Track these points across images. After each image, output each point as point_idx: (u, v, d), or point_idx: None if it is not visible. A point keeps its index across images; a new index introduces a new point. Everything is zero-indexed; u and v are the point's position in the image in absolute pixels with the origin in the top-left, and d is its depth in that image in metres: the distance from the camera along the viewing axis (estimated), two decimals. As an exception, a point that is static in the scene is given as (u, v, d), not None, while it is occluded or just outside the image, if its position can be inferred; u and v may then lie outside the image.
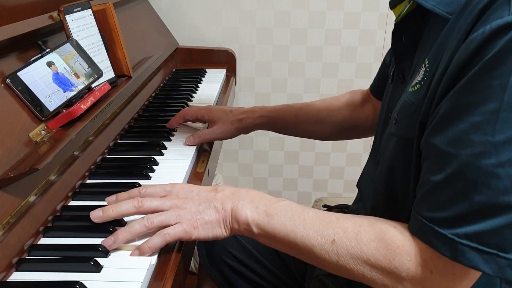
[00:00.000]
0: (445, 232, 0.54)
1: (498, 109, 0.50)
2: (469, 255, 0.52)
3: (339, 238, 0.61)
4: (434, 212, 0.55)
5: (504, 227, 0.51)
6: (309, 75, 1.76)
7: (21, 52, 0.82)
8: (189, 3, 1.69)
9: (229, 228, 0.67)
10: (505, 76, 0.49)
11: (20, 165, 0.68)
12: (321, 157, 1.87)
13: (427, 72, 0.61)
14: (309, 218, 0.64)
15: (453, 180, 0.53)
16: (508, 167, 0.50)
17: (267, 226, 0.65)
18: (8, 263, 0.61)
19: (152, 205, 0.67)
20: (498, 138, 0.50)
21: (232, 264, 1.03)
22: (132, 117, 1.12)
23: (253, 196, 0.68)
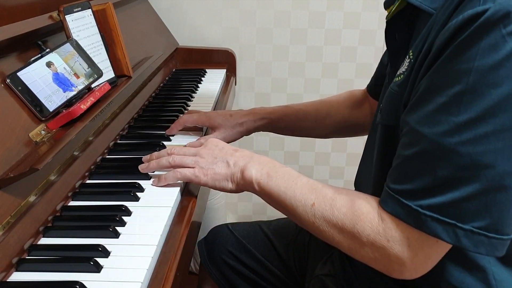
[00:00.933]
0: (410, 203, 0.58)
1: (463, 92, 0.54)
2: (430, 225, 0.57)
3: (318, 202, 0.67)
4: (401, 184, 0.60)
5: (463, 200, 0.55)
6: (309, 75, 1.76)
7: (21, 52, 0.82)
8: (189, 3, 1.69)
9: (235, 183, 0.77)
10: (471, 61, 0.53)
11: (20, 165, 0.68)
12: (321, 157, 1.87)
13: (410, 64, 0.65)
14: (300, 183, 0.71)
15: (420, 155, 0.58)
16: (468, 146, 0.54)
17: (266, 185, 0.73)
18: (8, 263, 0.61)
19: (180, 151, 0.82)
20: (461, 119, 0.54)
21: (232, 264, 1.03)
22: (132, 117, 1.12)
23: (263, 160, 0.77)
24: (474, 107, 0.53)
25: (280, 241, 1.03)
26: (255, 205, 1.96)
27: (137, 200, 0.78)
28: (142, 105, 1.20)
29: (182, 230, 0.73)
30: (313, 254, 0.98)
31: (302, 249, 1.01)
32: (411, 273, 0.61)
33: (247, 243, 1.04)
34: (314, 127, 1.07)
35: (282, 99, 1.79)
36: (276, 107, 1.07)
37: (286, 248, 1.02)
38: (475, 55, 0.53)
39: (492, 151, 0.53)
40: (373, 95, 1.01)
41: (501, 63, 0.52)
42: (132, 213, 0.74)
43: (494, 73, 0.52)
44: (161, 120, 1.13)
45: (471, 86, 0.53)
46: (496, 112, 0.53)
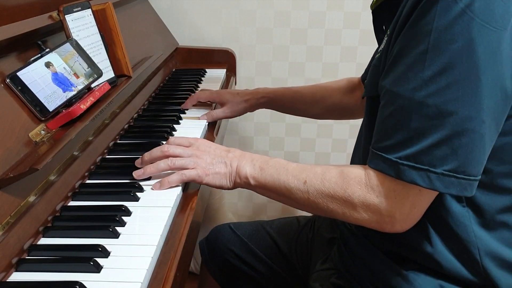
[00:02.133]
0: (390, 156, 0.65)
1: (426, 50, 0.61)
2: (408, 173, 0.63)
3: (309, 179, 0.73)
4: (382, 142, 0.67)
5: (433, 146, 0.62)
6: (309, 75, 1.76)
7: (21, 52, 0.82)
8: (189, 3, 1.69)
9: (232, 181, 0.82)
10: (430, 23, 0.61)
11: (20, 165, 0.68)
12: (321, 157, 1.87)
13: (388, 39, 0.71)
14: (291, 168, 0.77)
15: (395, 113, 0.64)
16: (434, 97, 0.61)
17: (260, 178, 0.79)
18: (8, 263, 0.61)
19: (176, 151, 0.83)
20: (426, 74, 0.61)
21: (234, 263, 1.03)
22: (132, 117, 1.11)
23: (254, 157, 0.82)
24: (436, 63, 0.61)
25: (283, 240, 1.03)
26: (255, 205, 1.96)
27: (137, 200, 0.78)
28: (142, 105, 1.20)
29: (182, 230, 0.73)
30: (315, 252, 0.98)
31: (305, 247, 1.01)
32: (401, 225, 0.68)
33: (250, 242, 1.04)
34: (308, 108, 1.20)
35: (282, 99, 1.79)
36: (277, 88, 1.21)
37: (289, 246, 1.03)
38: (433, 17, 0.60)
39: (453, 99, 0.60)
40: None
41: (454, 21, 0.59)
42: (132, 213, 0.74)
43: (449, 31, 0.60)
44: (161, 120, 1.13)
45: (432, 45, 0.61)
46: (454, 64, 0.60)
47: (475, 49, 0.59)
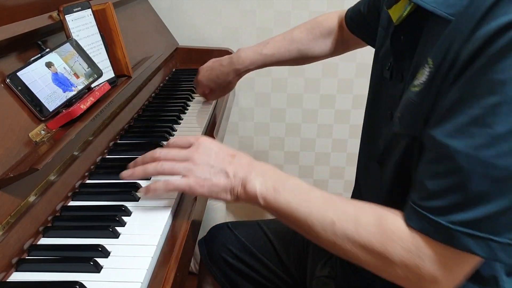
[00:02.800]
0: (440, 220, 0.56)
1: (499, 103, 0.51)
2: (463, 241, 0.54)
3: (338, 220, 0.62)
4: (430, 200, 0.57)
5: (498, 213, 0.53)
6: (309, 75, 1.76)
7: (21, 52, 0.82)
8: (189, 3, 1.69)
9: (235, 196, 0.70)
10: (506, 71, 0.51)
11: (20, 165, 0.68)
12: (321, 157, 1.87)
13: (431, 73, 0.62)
14: (313, 198, 0.66)
15: (451, 170, 0.55)
16: (505, 158, 0.52)
17: (273, 201, 0.67)
18: (8, 263, 0.61)
19: (169, 155, 0.72)
20: (498, 131, 0.52)
21: (233, 263, 1.03)
22: (132, 117, 1.11)
23: (266, 170, 0.70)
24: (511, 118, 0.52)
25: (279, 241, 1.03)
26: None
27: (137, 200, 0.78)
28: (142, 105, 1.20)
29: (182, 230, 0.73)
30: (312, 254, 0.98)
31: (301, 248, 1.01)
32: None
33: (248, 242, 1.04)
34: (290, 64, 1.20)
35: (282, 99, 1.79)
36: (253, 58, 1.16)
37: (285, 248, 1.02)
38: (510, 66, 0.51)
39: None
40: (351, 29, 1.07)
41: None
42: (132, 213, 0.74)
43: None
44: (161, 120, 1.13)
45: (509, 97, 0.51)
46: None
47: None
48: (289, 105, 1.80)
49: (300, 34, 1.18)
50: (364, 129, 0.89)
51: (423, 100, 0.62)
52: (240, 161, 0.71)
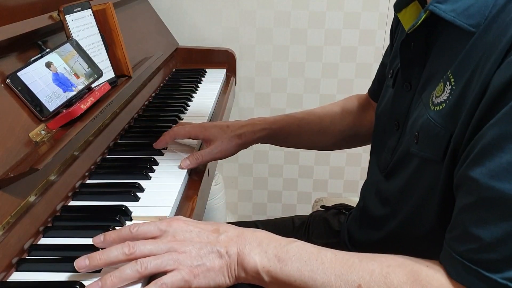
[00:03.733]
0: (495, 277, 0.48)
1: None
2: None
3: (365, 282, 0.54)
4: (479, 253, 0.49)
5: None
6: (309, 75, 1.76)
7: (21, 52, 0.82)
8: (189, 3, 1.69)
9: (234, 277, 0.60)
10: None
11: (20, 165, 0.68)
12: (321, 157, 1.87)
13: (453, 91, 0.57)
14: (328, 261, 0.57)
15: (501, 217, 0.48)
16: None
17: (280, 273, 0.58)
18: (8, 263, 0.61)
19: (145, 250, 0.59)
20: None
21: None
22: (132, 117, 1.12)
23: (261, 238, 0.61)
24: None
25: None
26: (255, 205, 1.96)
27: (137, 200, 0.78)
28: (142, 105, 1.21)
29: (182, 230, 0.73)
30: None
31: None
32: None
33: None
34: (318, 137, 0.98)
35: (282, 99, 1.79)
36: (277, 116, 0.97)
37: None
38: None
39: None
40: (375, 99, 0.96)
41: None
42: (132, 213, 0.74)
43: None
44: (161, 120, 1.13)
45: None
46: None
47: None
48: (289, 105, 1.80)
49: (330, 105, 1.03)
50: (372, 138, 0.86)
51: (447, 123, 0.57)
52: (227, 235, 0.61)
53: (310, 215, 1.09)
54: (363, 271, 0.55)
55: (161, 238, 0.61)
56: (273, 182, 1.92)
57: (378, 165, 0.80)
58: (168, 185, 0.83)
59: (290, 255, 0.58)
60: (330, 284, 0.55)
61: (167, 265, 0.58)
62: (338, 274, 0.56)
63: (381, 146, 0.79)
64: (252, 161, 1.89)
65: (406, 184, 0.68)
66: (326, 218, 1.04)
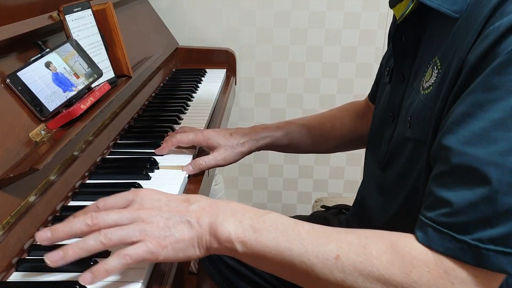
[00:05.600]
0: (466, 238, 0.50)
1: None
2: (494, 260, 0.49)
3: (343, 253, 0.53)
4: (451, 217, 0.51)
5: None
6: (309, 75, 1.76)
7: (21, 52, 0.82)
8: (189, 3, 1.69)
9: (205, 248, 0.57)
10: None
11: (20, 165, 0.68)
12: (321, 157, 1.87)
13: (439, 74, 0.59)
14: (305, 232, 0.56)
15: (474, 181, 0.49)
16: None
17: (255, 244, 0.56)
18: (8, 263, 0.61)
19: (109, 220, 0.56)
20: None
21: (231, 264, 1.03)
22: (132, 117, 1.11)
23: (235, 209, 0.59)
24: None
25: None
26: (255, 205, 1.96)
27: (137, 200, 0.78)
28: (142, 105, 1.20)
29: (182, 230, 0.73)
30: None
31: None
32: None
33: None
34: (320, 142, 1.00)
35: (282, 99, 1.79)
36: (279, 123, 0.99)
37: None
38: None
39: None
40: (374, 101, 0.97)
41: None
42: (132, 213, 0.74)
43: None
44: (161, 120, 1.13)
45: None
46: None
47: None
48: (289, 105, 1.80)
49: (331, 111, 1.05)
50: (369, 136, 0.87)
51: (434, 103, 0.58)
52: (199, 204, 0.59)
53: (311, 215, 1.09)
54: (341, 242, 0.54)
55: (128, 207, 0.58)
56: (273, 182, 1.92)
57: (375, 160, 0.80)
58: (168, 185, 0.83)
59: (266, 225, 0.56)
60: (307, 255, 0.54)
61: (133, 236, 0.55)
62: (316, 244, 0.54)
63: (378, 141, 0.80)
64: (252, 161, 1.89)
65: (402, 169, 0.68)
66: (326, 218, 1.04)
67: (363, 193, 0.87)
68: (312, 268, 0.54)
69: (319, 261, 0.54)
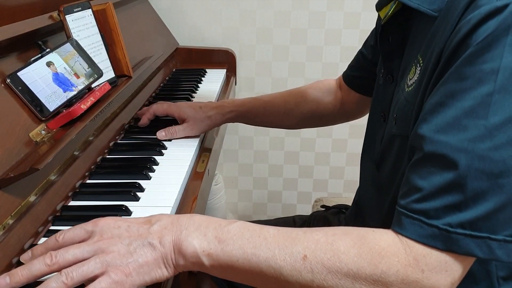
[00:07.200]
0: (436, 223, 0.51)
1: (491, 92, 0.50)
2: (463, 243, 0.51)
3: (311, 252, 0.53)
4: (423, 202, 0.52)
5: (497, 210, 0.50)
6: (309, 75, 1.76)
7: (21, 52, 0.82)
8: (189, 3, 1.69)
9: (171, 266, 0.56)
10: (497, 59, 0.50)
11: (20, 165, 0.68)
12: (321, 157, 1.87)
13: (421, 71, 0.61)
14: (270, 236, 0.55)
15: (444, 167, 0.51)
16: (502, 150, 0.50)
17: (222, 255, 0.55)
18: (8, 263, 0.61)
19: (69, 257, 0.54)
20: (492, 121, 0.50)
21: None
22: (132, 117, 1.12)
23: (199, 222, 0.58)
24: (506, 107, 0.49)
25: None
26: (255, 205, 1.96)
27: (137, 200, 0.78)
28: (142, 105, 1.20)
29: (182, 230, 0.73)
30: None
31: None
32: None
33: None
34: (282, 119, 1.08)
35: (282, 99, 1.79)
36: (245, 99, 1.08)
37: None
38: (501, 53, 0.49)
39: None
40: (351, 85, 1.03)
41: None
42: (132, 213, 0.74)
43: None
44: (161, 120, 1.13)
45: (500, 86, 0.49)
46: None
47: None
48: (289, 105, 1.80)
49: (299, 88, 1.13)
50: (364, 136, 0.89)
51: (415, 99, 0.61)
52: (160, 224, 0.57)
53: (311, 214, 1.09)
54: (308, 241, 0.54)
55: (88, 240, 0.56)
56: (273, 182, 1.92)
57: (370, 160, 0.82)
58: (168, 185, 0.83)
59: (231, 234, 0.56)
60: (274, 258, 0.54)
61: (94, 269, 0.53)
62: (282, 247, 0.54)
63: (372, 141, 0.82)
64: (252, 161, 1.89)
65: (393, 166, 0.70)
66: (326, 218, 1.04)
67: (361, 192, 0.88)
68: (280, 272, 0.54)
69: (287, 264, 0.53)
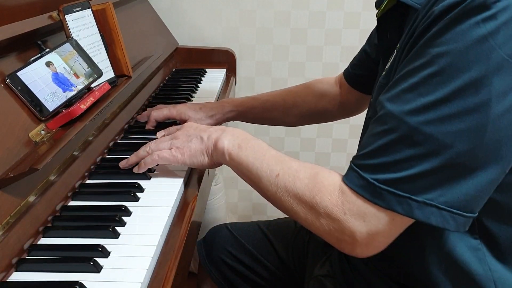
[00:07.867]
0: (367, 176, 0.60)
1: (434, 73, 0.56)
2: (385, 198, 0.59)
3: (282, 173, 0.69)
4: (364, 159, 0.61)
5: (418, 176, 0.57)
6: (309, 75, 1.76)
7: (20, 52, 0.82)
8: (189, 3, 1.69)
9: (210, 155, 0.79)
10: (445, 44, 0.55)
11: (20, 165, 0.68)
12: (321, 157, 1.87)
13: (395, 56, 0.67)
14: (268, 155, 0.72)
15: (384, 133, 0.59)
16: (431, 126, 0.56)
17: (236, 156, 0.75)
18: (8, 263, 0.61)
19: (158, 140, 0.84)
20: (428, 99, 0.56)
21: (231, 264, 1.03)
22: (132, 117, 1.11)
23: (236, 132, 0.78)
24: (442, 89, 0.55)
25: (279, 241, 1.03)
26: (255, 205, 1.96)
27: (137, 200, 0.78)
28: (142, 105, 1.20)
29: (182, 230, 0.73)
30: (312, 254, 0.98)
31: (301, 249, 1.01)
32: (362, 250, 0.62)
33: (246, 243, 1.04)
34: (281, 117, 1.13)
35: (282, 99, 1.79)
36: (245, 98, 1.13)
37: (285, 248, 1.02)
38: (450, 39, 0.55)
39: (453, 132, 0.55)
40: (351, 83, 1.06)
41: (472, 47, 0.53)
42: (132, 213, 0.74)
43: (465, 56, 0.54)
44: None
45: (442, 69, 0.55)
46: (462, 95, 0.54)
47: (491, 83, 0.53)
48: (289, 105, 1.80)
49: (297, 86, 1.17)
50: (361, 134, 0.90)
51: (389, 80, 0.66)
52: (215, 128, 0.81)
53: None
54: (285, 165, 0.70)
55: None
56: (273, 182, 1.92)
57: None
58: (168, 185, 0.83)
59: (248, 145, 0.75)
60: (261, 169, 0.71)
61: (163, 146, 0.82)
62: (268, 163, 0.71)
63: None
64: (252, 161, 1.88)
65: None
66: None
67: None
68: (260, 179, 0.71)
69: (266, 175, 0.70)
